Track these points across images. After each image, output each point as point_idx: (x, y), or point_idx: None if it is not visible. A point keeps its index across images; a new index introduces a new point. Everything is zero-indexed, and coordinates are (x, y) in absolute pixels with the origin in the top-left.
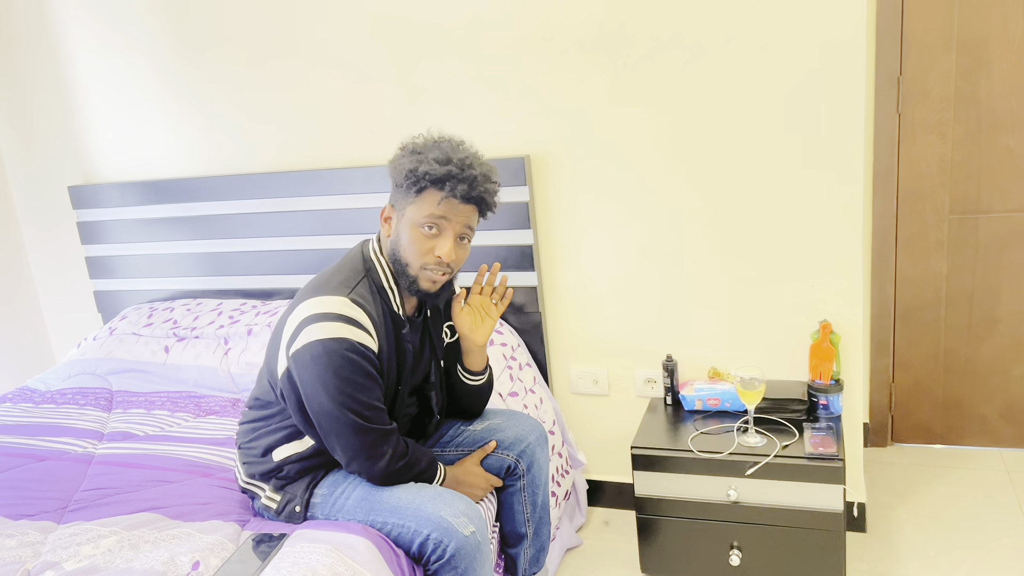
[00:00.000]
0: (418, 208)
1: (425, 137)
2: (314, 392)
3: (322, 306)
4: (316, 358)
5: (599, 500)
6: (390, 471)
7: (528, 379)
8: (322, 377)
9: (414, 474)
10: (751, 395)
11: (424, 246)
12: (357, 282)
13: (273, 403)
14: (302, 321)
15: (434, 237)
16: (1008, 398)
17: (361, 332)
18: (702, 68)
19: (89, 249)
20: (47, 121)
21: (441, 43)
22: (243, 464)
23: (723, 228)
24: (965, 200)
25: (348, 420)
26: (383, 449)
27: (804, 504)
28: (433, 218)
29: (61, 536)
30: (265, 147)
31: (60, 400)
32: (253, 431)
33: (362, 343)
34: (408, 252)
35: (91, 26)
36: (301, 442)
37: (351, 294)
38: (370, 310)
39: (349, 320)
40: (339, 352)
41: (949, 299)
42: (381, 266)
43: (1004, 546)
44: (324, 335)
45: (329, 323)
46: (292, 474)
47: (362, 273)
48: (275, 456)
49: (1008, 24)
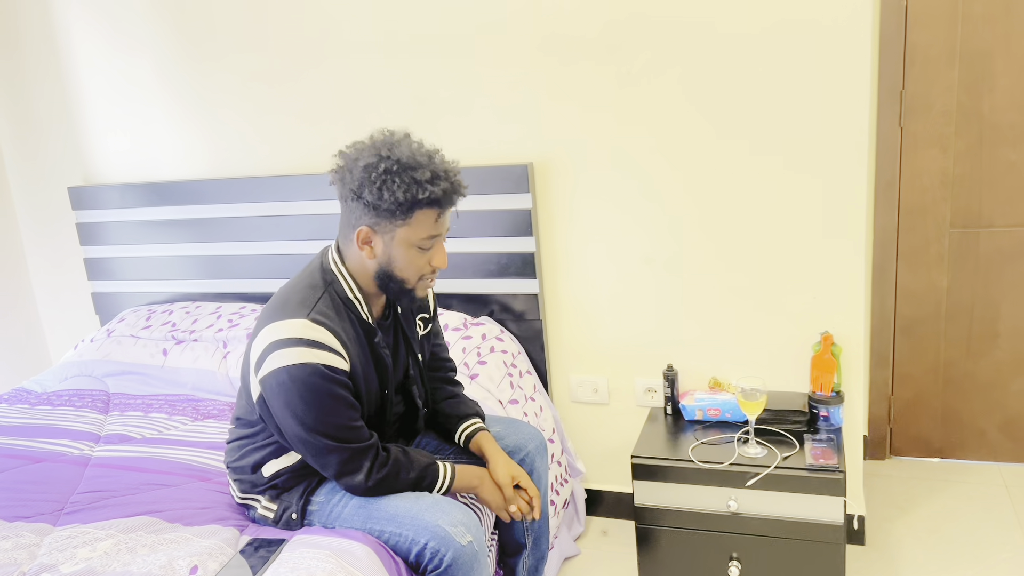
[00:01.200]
0: (413, 230)
1: (375, 146)
2: (284, 418)
3: (282, 331)
4: (281, 385)
5: (598, 509)
6: (371, 484)
7: (528, 387)
8: (290, 404)
9: (406, 483)
10: (752, 406)
11: (421, 261)
12: (317, 299)
13: (255, 422)
14: (265, 348)
15: (428, 250)
16: (1007, 413)
17: (326, 353)
18: (706, 79)
19: (88, 250)
20: (48, 121)
21: (445, 50)
22: (235, 481)
23: (725, 238)
24: (966, 214)
25: (320, 443)
26: (360, 464)
27: (804, 516)
28: (431, 238)
29: (57, 539)
30: (267, 150)
31: (56, 402)
32: (240, 448)
33: (327, 364)
34: (406, 271)
35: (94, 27)
36: (288, 456)
37: (311, 314)
38: (334, 327)
39: (311, 343)
40: (302, 378)
41: (949, 312)
42: (344, 277)
43: (1002, 560)
44: (287, 361)
45: (290, 349)
46: (286, 484)
47: (322, 288)
48: (265, 472)
49: (1011, 39)
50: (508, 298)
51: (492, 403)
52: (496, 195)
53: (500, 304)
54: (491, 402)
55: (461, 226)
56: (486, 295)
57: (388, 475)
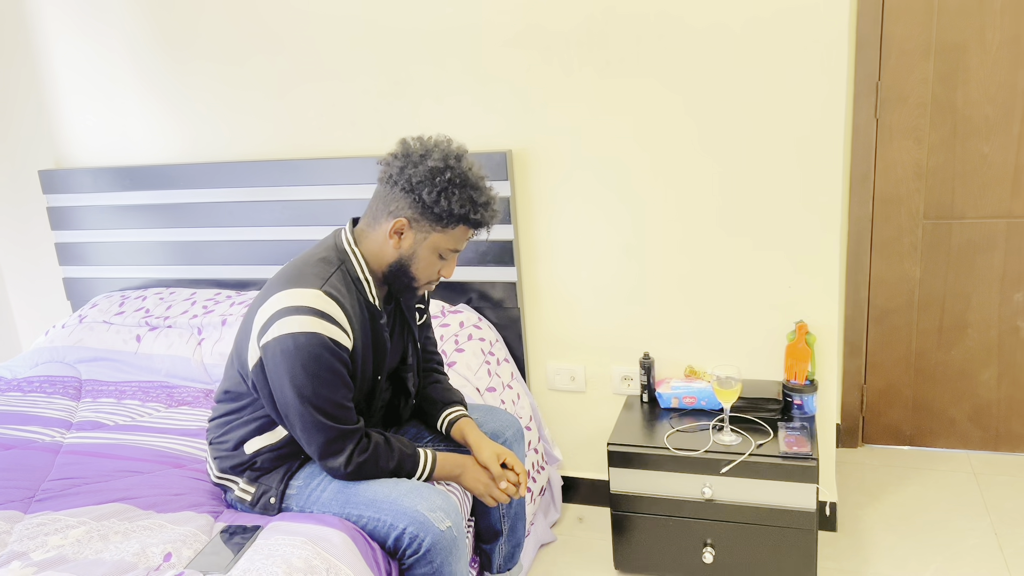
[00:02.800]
0: (447, 239)
1: (442, 151)
2: (281, 386)
3: (295, 299)
4: (286, 352)
5: (574, 496)
6: (351, 468)
7: (506, 374)
8: (291, 371)
9: (385, 471)
10: (727, 394)
11: (436, 267)
12: (331, 274)
13: (244, 394)
14: (274, 313)
15: (444, 260)
16: (976, 401)
17: (334, 327)
18: (684, 71)
19: (59, 235)
20: (18, 103)
21: (424, 36)
22: (215, 459)
23: (702, 228)
24: (939, 205)
25: (311, 417)
26: (344, 446)
27: (777, 503)
28: (457, 250)
29: (28, 526)
30: (243, 135)
31: (27, 388)
32: (224, 425)
33: (334, 339)
34: (422, 272)
35: (66, 9)
36: (273, 433)
37: (325, 286)
38: (344, 303)
39: (322, 314)
40: (308, 347)
41: (921, 303)
42: (356, 258)
43: (971, 546)
44: (295, 329)
45: (301, 317)
46: (266, 465)
47: (336, 264)
48: (247, 449)
49: (985, 32)
50: (486, 286)
51: (470, 391)
52: None
53: (478, 292)
54: (468, 390)
55: None
56: (464, 283)
57: (368, 461)
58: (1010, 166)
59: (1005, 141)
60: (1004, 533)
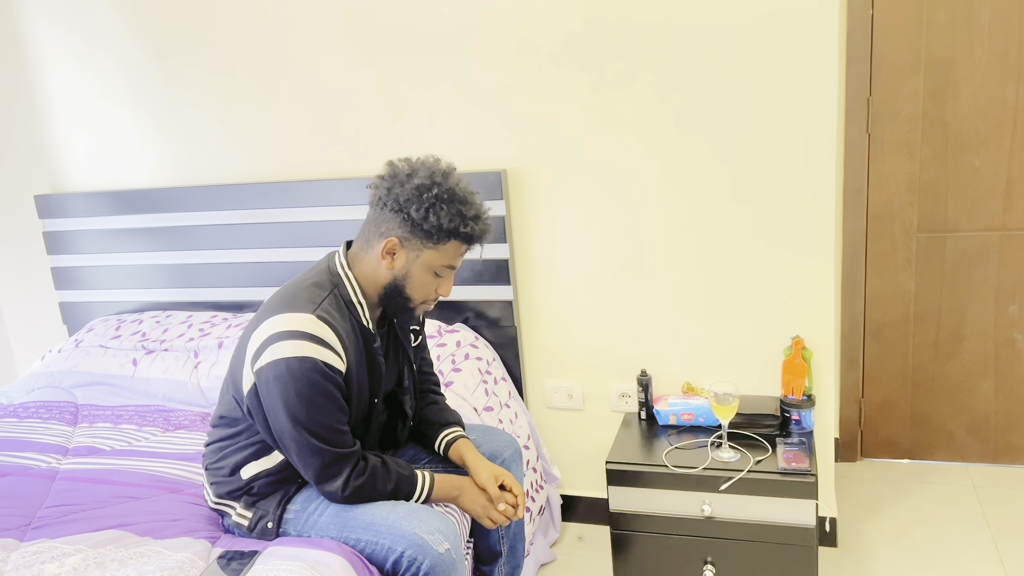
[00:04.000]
0: (439, 256)
1: (428, 169)
2: (275, 412)
3: (288, 323)
4: (279, 377)
5: (573, 515)
6: (348, 492)
7: (503, 393)
8: (284, 397)
9: (383, 494)
10: (725, 410)
11: (432, 286)
12: (324, 298)
13: (240, 419)
14: (267, 339)
15: (441, 278)
16: (974, 414)
17: (327, 351)
18: (679, 86)
19: (55, 259)
20: (14, 129)
21: (418, 57)
22: (211, 484)
23: (698, 245)
24: (933, 219)
25: (306, 441)
26: (340, 469)
27: (777, 519)
28: (450, 268)
29: (24, 554)
30: (237, 157)
31: (23, 414)
32: (220, 450)
33: (327, 363)
34: (417, 291)
35: (61, 34)
36: (270, 458)
37: (318, 311)
38: (338, 327)
39: (315, 339)
40: (302, 372)
41: (917, 316)
42: (349, 281)
43: (971, 559)
44: (289, 354)
45: (294, 341)
46: (263, 490)
47: (329, 288)
48: (244, 474)
49: (974, 48)
50: (483, 305)
51: (467, 410)
52: None
53: (474, 311)
54: (466, 409)
55: None
56: (460, 302)
57: (365, 484)
58: (1002, 179)
59: (996, 154)
60: (1005, 546)
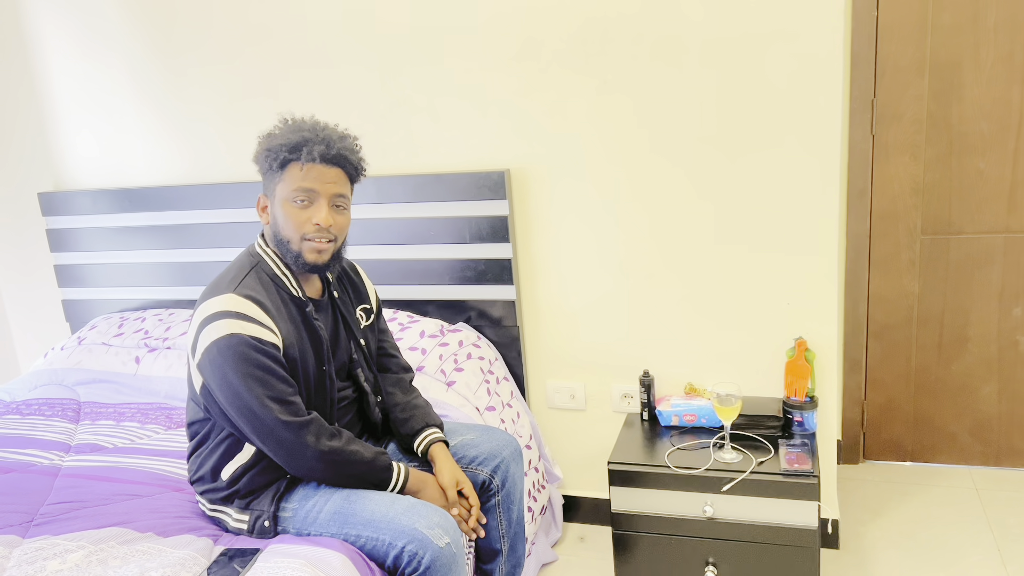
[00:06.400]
0: (285, 184)
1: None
2: (224, 398)
3: (210, 308)
4: (213, 361)
5: (575, 515)
6: (325, 451)
7: (505, 393)
8: (223, 378)
9: (360, 461)
10: (727, 411)
11: (299, 218)
12: (243, 277)
13: (205, 421)
14: (196, 329)
15: (307, 208)
16: (977, 416)
17: (253, 326)
18: (683, 87)
19: (58, 257)
20: (18, 126)
21: (422, 57)
22: (202, 494)
23: (701, 246)
24: (937, 221)
25: (259, 420)
26: (304, 438)
27: (779, 520)
28: (301, 190)
29: (27, 551)
30: (242, 155)
31: (26, 411)
32: (197, 458)
33: (255, 336)
34: (286, 229)
35: (66, 31)
36: (243, 453)
37: (237, 289)
38: (261, 299)
39: (238, 315)
40: (232, 348)
41: (920, 318)
42: (268, 256)
43: (974, 563)
44: (215, 335)
45: (219, 322)
46: (250, 488)
47: (248, 268)
48: (224, 475)
49: (979, 49)
50: (485, 304)
51: (469, 410)
52: (473, 201)
53: (477, 310)
54: (468, 409)
55: (438, 232)
56: (463, 301)
57: (343, 447)
58: (1006, 181)
59: (1001, 157)
60: (1007, 549)
